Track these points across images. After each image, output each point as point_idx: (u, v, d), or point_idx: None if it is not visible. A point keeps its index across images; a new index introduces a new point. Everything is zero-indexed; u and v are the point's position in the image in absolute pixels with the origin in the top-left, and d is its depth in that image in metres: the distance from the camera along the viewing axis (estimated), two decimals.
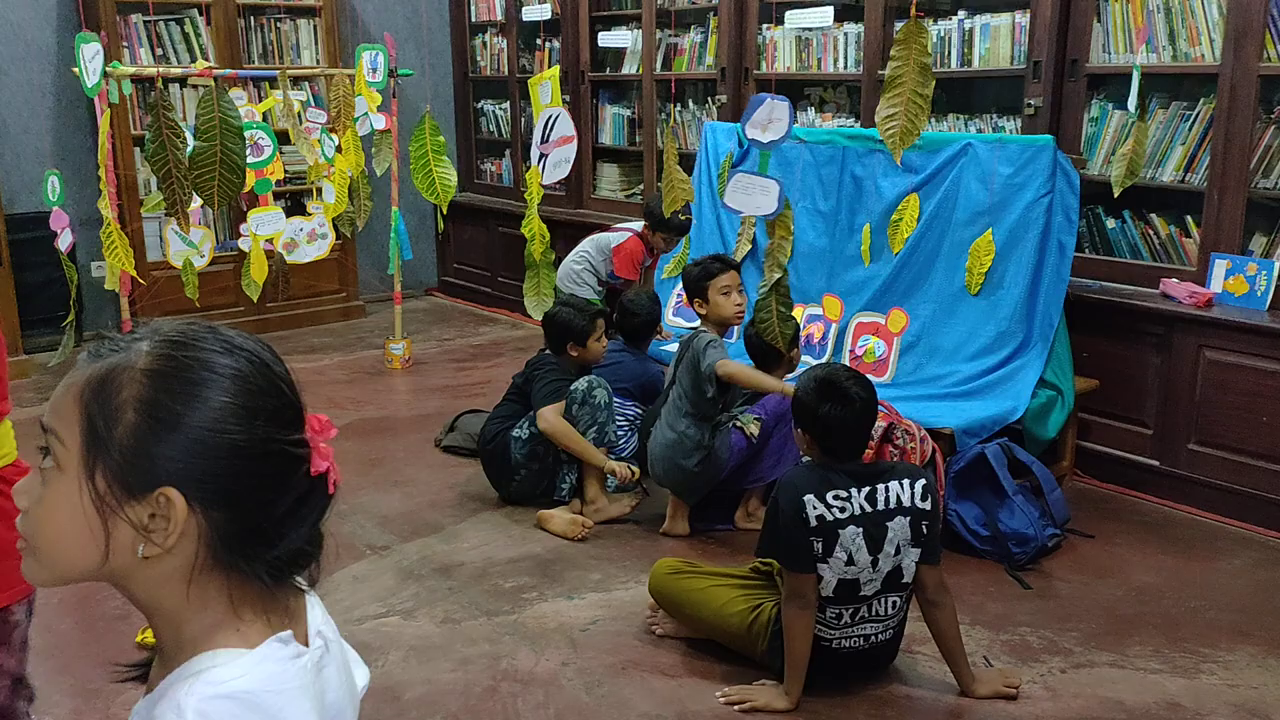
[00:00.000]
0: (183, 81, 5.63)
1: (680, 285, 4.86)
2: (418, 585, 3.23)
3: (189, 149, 2.71)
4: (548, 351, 3.91)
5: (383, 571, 3.31)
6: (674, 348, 4.01)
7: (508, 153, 6.87)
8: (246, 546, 0.88)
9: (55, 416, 0.87)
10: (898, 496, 2.51)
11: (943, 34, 4.43)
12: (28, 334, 5.37)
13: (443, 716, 2.57)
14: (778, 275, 3.13)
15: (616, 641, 2.91)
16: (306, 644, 0.94)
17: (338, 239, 5.37)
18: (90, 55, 2.33)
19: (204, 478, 0.85)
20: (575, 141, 3.45)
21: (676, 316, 4.87)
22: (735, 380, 3.40)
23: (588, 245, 4.98)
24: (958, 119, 4.52)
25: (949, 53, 4.43)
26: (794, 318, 3.60)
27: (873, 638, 2.59)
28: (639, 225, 4.97)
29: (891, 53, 2.47)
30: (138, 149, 5.40)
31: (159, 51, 5.65)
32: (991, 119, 4.40)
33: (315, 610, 0.98)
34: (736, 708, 2.57)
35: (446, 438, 4.39)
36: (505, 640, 2.92)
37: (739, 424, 3.48)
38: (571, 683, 2.71)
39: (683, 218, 4.57)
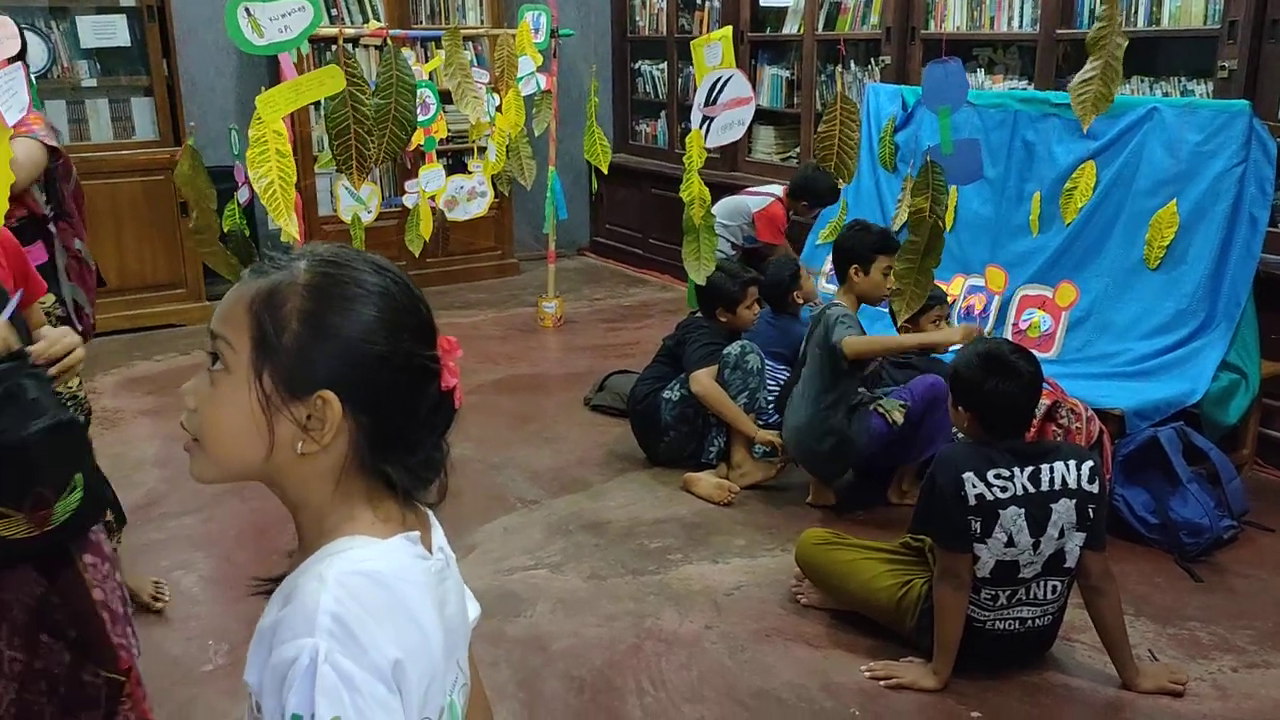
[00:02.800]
0: (355, 41, 5.81)
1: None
2: (565, 540, 3.29)
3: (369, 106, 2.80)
4: (699, 314, 3.91)
5: (532, 525, 3.39)
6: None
7: (663, 114, 6.85)
8: (388, 449, 0.96)
9: (225, 323, 0.95)
10: (1063, 478, 2.41)
11: None
12: (210, 282, 5.68)
13: (588, 670, 2.62)
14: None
15: (761, 608, 2.90)
16: (430, 553, 1.01)
17: (496, 197, 5.47)
18: (284, 10, 2.41)
19: (355, 383, 0.93)
20: (752, 104, 3.38)
21: (830, 284, 4.77)
22: (868, 353, 3.27)
23: (720, 208, 4.92)
24: (1141, 82, 4.25)
25: (1136, 11, 4.17)
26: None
27: (1029, 622, 2.51)
28: (776, 189, 4.89)
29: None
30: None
31: (334, 12, 5.84)
32: (1179, 82, 4.12)
33: (438, 531, 1.05)
34: (882, 683, 2.53)
35: (596, 397, 4.45)
36: (650, 599, 2.95)
37: (882, 409, 3.33)
38: (715, 646, 2.72)
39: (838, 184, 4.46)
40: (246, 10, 2.45)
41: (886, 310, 3.56)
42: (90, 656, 1.71)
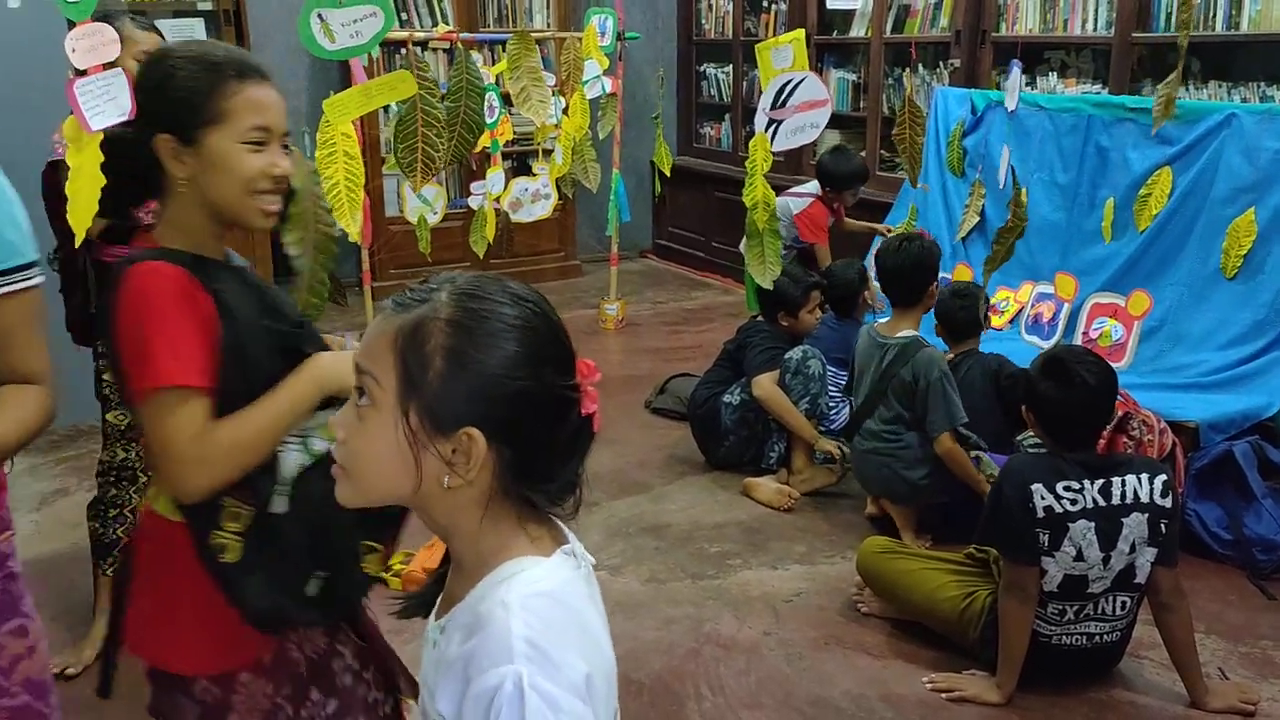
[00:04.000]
0: (424, 44, 5.89)
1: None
2: (625, 543, 3.30)
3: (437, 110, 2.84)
4: (759, 318, 3.89)
5: (591, 527, 3.40)
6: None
7: (728, 117, 6.84)
8: (531, 478, 0.97)
9: (371, 359, 0.96)
10: (1135, 491, 2.36)
11: None
12: (277, 281, 5.78)
13: (646, 673, 2.62)
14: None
15: (820, 615, 2.88)
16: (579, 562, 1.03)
17: (560, 200, 5.51)
18: (356, 16, 2.45)
19: (498, 418, 0.94)
20: (828, 106, 3.35)
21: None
22: (948, 462, 3.11)
23: None
24: (1219, 87, 4.15)
25: (1213, 14, 4.07)
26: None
27: (1097, 638, 2.46)
28: (815, 186, 4.85)
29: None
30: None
31: (404, 16, 5.93)
32: (1259, 88, 4.01)
33: (574, 538, 1.06)
34: (944, 696, 2.50)
35: (656, 400, 4.45)
36: (709, 604, 2.94)
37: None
38: (774, 653, 2.71)
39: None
40: (319, 16, 2.49)
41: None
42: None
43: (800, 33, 3.37)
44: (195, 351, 1.31)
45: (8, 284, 1.28)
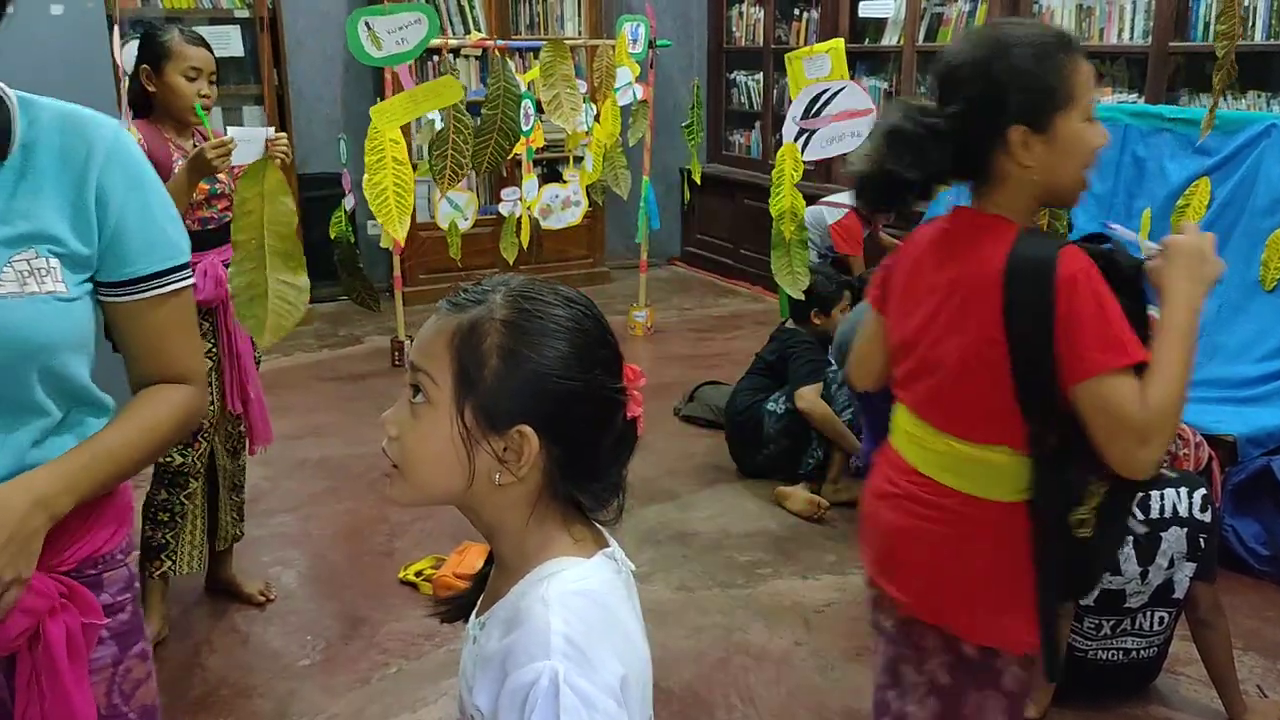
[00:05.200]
0: (456, 52, 5.93)
1: None
2: (654, 550, 3.29)
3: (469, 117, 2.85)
4: (789, 324, 3.88)
5: (620, 534, 3.38)
6: None
7: (758, 124, 6.84)
8: (578, 478, 0.99)
9: (427, 358, 0.97)
10: (1174, 506, 2.33)
11: (1248, 2, 4.03)
12: (315, 286, 5.81)
13: (676, 682, 2.61)
14: None
15: (851, 626, 2.87)
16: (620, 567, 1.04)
17: (590, 206, 5.52)
18: (402, 23, 2.47)
19: (549, 416, 0.95)
20: (871, 115, 3.33)
21: None
22: None
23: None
24: (1259, 97, 4.11)
25: (1254, 23, 4.03)
26: None
27: (1134, 653, 2.43)
28: (851, 196, 4.82)
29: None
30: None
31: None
32: None
33: (615, 544, 1.07)
34: None
35: (686, 407, 4.45)
36: (738, 613, 2.93)
37: None
38: (805, 663, 2.70)
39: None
40: (366, 24, 2.51)
41: None
42: None
43: (839, 42, 3.35)
44: (1129, 326, 1.32)
45: (169, 283, 1.24)
